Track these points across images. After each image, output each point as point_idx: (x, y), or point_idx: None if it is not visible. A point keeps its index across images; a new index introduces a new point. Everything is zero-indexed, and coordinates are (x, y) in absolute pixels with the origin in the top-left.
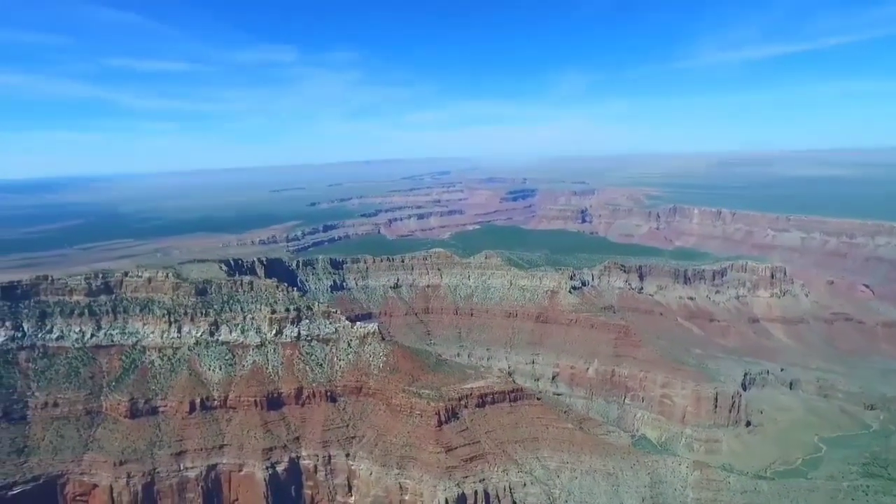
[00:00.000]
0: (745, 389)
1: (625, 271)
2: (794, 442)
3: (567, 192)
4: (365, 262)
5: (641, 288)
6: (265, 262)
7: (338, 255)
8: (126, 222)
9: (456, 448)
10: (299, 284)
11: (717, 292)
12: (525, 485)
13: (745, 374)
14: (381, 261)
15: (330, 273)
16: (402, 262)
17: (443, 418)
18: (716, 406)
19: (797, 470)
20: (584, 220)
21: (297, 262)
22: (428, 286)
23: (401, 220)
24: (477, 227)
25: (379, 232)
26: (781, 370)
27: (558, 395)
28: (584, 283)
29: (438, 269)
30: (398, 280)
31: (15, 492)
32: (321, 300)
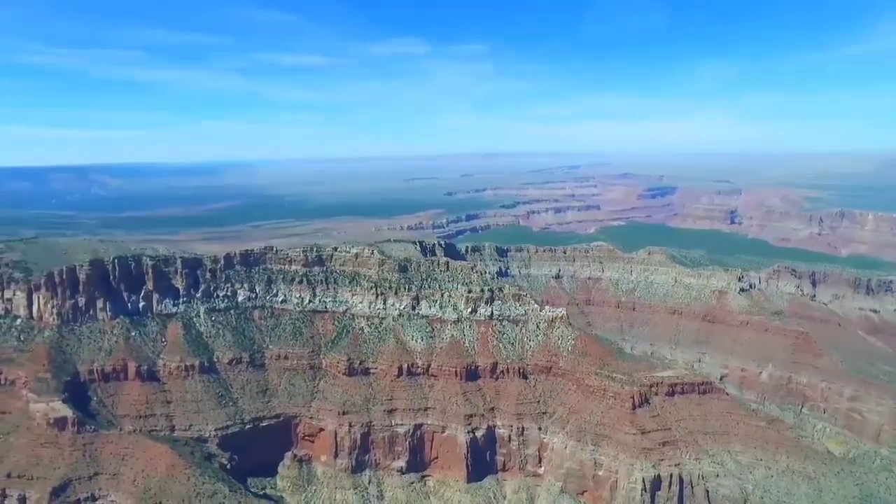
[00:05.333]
0: None
1: (796, 276)
2: None
3: (710, 191)
4: (528, 252)
5: (814, 295)
6: (444, 245)
7: (502, 243)
8: (281, 204)
9: (650, 432)
10: None
11: None
12: (718, 476)
13: None
14: (544, 251)
15: (496, 259)
16: (564, 253)
17: (636, 402)
18: None
19: None
20: (732, 221)
21: (467, 247)
22: (589, 278)
23: (538, 213)
24: (622, 223)
25: (518, 223)
26: None
27: None
28: (751, 286)
29: (600, 262)
30: (560, 270)
31: (263, 425)
32: None
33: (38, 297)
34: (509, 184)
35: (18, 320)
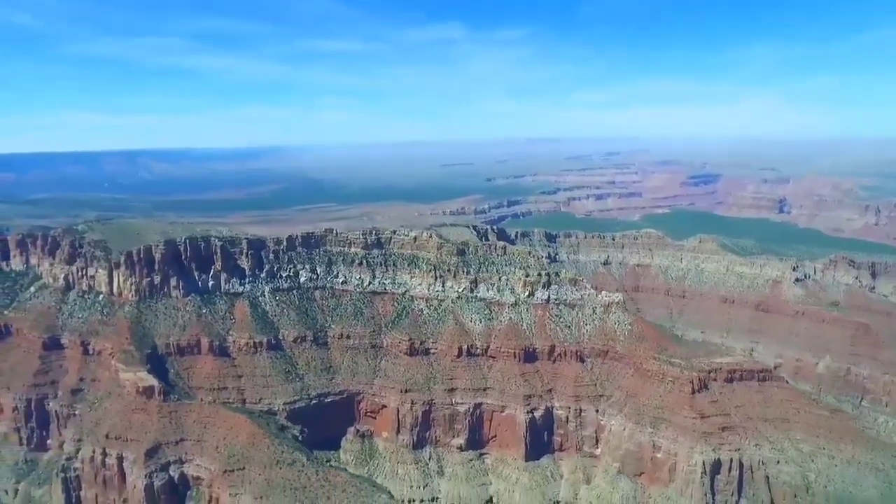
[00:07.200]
0: None
1: (854, 267)
2: None
3: (756, 179)
4: (576, 237)
5: (873, 287)
6: (496, 231)
7: (547, 229)
8: (323, 189)
9: (709, 417)
10: None
11: None
12: (778, 462)
13: None
14: (593, 237)
15: (545, 245)
16: (613, 239)
17: (696, 387)
18: None
19: None
20: (781, 210)
21: (516, 232)
22: (638, 265)
23: (579, 199)
24: (665, 210)
25: (560, 209)
26: None
27: None
28: (806, 276)
29: (649, 249)
30: (608, 257)
31: (328, 400)
32: None
33: (118, 275)
34: (548, 170)
35: (101, 296)
